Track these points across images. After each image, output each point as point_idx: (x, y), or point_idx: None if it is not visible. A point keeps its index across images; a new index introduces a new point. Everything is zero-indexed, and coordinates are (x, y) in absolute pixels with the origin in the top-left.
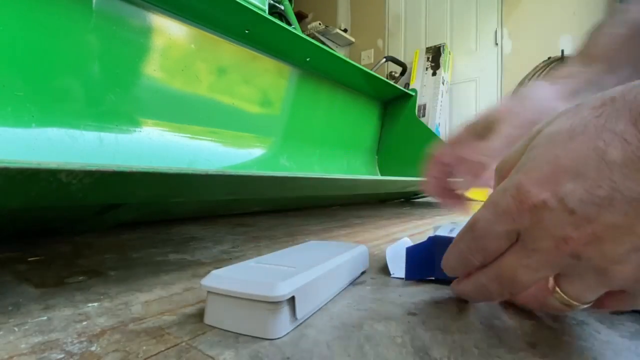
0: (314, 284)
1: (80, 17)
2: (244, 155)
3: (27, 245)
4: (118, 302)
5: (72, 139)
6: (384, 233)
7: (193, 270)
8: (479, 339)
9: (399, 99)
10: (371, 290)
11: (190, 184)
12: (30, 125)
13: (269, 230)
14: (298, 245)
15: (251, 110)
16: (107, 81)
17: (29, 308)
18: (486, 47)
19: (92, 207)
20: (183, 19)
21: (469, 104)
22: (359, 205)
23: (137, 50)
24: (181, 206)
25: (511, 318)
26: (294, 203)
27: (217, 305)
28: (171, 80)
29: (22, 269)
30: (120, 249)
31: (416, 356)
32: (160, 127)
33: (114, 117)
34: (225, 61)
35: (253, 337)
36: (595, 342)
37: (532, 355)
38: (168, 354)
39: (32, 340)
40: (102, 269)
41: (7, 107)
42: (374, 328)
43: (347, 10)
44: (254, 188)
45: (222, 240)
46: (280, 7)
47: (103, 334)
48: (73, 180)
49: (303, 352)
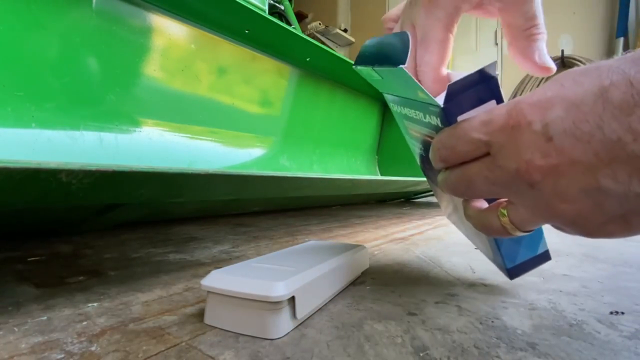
0: (314, 284)
1: (80, 17)
2: (244, 155)
3: (27, 245)
4: (118, 302)
5: (72, 139)
6: (383, 233)
7: (193, 270)
8: (479, 339)
9: None
10: (371, 290)
11: (190, 184)
12: (30, 125)
13: (269, 230)
14: (298, 245)
15: (251, 110)
16: (107, 81)
17: (29, 308)
18: (486, 47)
19: (92, 207)
20: (183, 19)
21: None
22: (359, 205)
23: (137, 50)
24: (181, 206)
25: (511, 318)
26: (294, 203)
27: (217, 305)
28: (171, 80)
29: (22, 269)
30: (120, 249)
31: (416, 356)
32: (160, 127)
33: (114, 117)
34: (225, 61)
35: (253, 337)
36: (595, 342)
37: (532, 355)
38: (168, 354)
39: (32, 340)
40: (102, 269)
41: (7, 107)
42: (373, 328)
43: (347, 10)
44: (254, 188)
45: (222, 240)
46: (280, 7)
47: (103, 334)
48: (73, 180)
49: (303, 352)
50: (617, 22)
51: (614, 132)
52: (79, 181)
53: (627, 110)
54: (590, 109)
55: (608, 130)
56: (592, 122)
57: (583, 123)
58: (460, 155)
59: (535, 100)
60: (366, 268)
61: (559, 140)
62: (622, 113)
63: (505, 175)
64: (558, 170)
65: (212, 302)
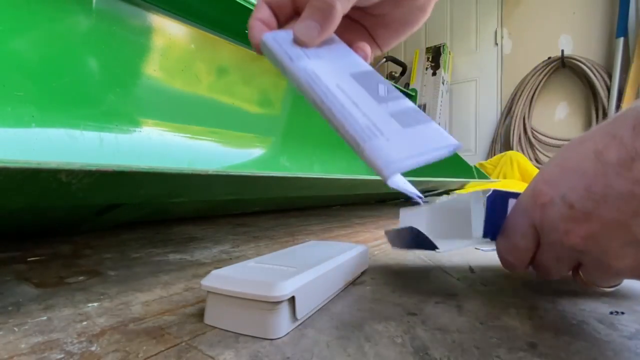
0: (314, 284)
1: (80, 17)
2: (244, 155)
3: (27, 245)
4: (118, 302)
5: (72, 139)
6: (384, 233)
7: (193, 270)
8: (479, 339)
9: None
10: (371, 290)
11: (190, 184)
12: (30, 125)
13: (269, 230)
14: (298, 245)
15: (251, 110)
16: (107, 81)
17: (29, 308)
18: (486, 47)
19: (92, 207)
20: (183, 19)
21: (469, 104)
22: (359, 205)
23: (137, 50)
24: (181, 206)
25: (511, 318)
26: (294, 203)
27: (217, 305)
28: (171, 80)
29: (22, 269)
30: (120, 249)
31: (416, 356)
32: (160, 127)
33: (114, 117)
34: (225, 61)
35: (253, 337)
36: (595, 342)
37: (532, 355)
38: (168, 354)
39: (32, 340)
40: (102, 269)
41: (7, 107)
42: (374, 328)
43: None
44: (254, 188)
45: (222, 240)
46: None
47: (103, 334)
48: (73, 180)
49: (303, 352)
50: (617, 22)
51: (623, 187)
52: (79, 181)
53: (626, 165)
54: (594, 173)
55: (618, 187)
56: (600, 183)
57: (593, 186)
58: (527, 250)
59: (547, 178)
60: (366, 268)
61: (579, 205)
62: (624, 169)
63: (557, 248)
64: (594, 233)
65: (212, 302)
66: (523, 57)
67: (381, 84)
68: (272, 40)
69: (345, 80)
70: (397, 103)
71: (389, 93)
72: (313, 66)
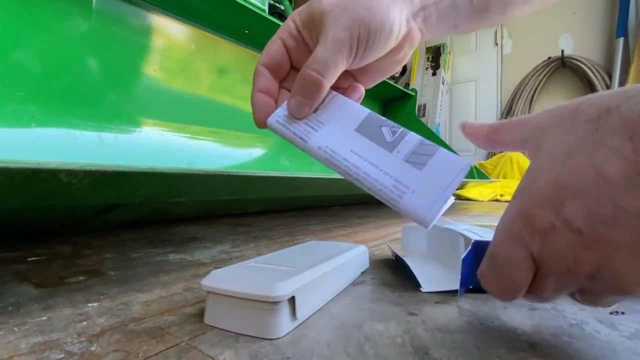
0: (314, 284)
1: (80, 17)
2: (244, 155)
3: (27, 245)
4: (118, 302)
5: (72, 139)
6: (384, 233)
7: (193, 270)
8: (479, 339)
9: (399, 99)
10: (371, 290)
11: (190, 184)
12: (30, 125)
13: (269, 230)
14: (298, 245)
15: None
16: (107, 81)
17: (29, 308)
18: (486, 47)
19: (92, 207)
20: (183, 19)
21: (469, 104)
22: (359, 205)
23: (137, 50)
24: (181, 206)
25: (511, 318)
26: (294, 203)
27: (217, 305)
28: (171, 80)
29: (22, 269)
30: (121, 249)
31: (416, 356)
32: (160, 127)
33: (114, 117)
34: (225, 61)
35: (253, 337)
36: (595, 342)
37: (532, 355)
38: (168, 354)
39: (32, 340)
40: (102, 269)
41: (7, 107)
42: (374, 328)
43: None
44: (254, 188)
45: (222, 240)
46: (280, 7)
47: (103, 334)
48: (73, 180)
49: (303, 352)
50: (617, 22)
51: (636, 206)
52: (79, 181)
53: (633, 182)
54: (598, 192)
55: (629, 207)
56: (608, 204)
57: (600, 207)
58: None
59: (540, 202)
60: (366, 268)
61: (588, 230)
62: (632, 186)
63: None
64: (607, 258)
65: (212, 302)
66: (523, 57)
67: (383, 127)
68: (276, 123)
69: (355, 140)
70: (404, 145)
71: (394, 135)
72: (324, 139)
